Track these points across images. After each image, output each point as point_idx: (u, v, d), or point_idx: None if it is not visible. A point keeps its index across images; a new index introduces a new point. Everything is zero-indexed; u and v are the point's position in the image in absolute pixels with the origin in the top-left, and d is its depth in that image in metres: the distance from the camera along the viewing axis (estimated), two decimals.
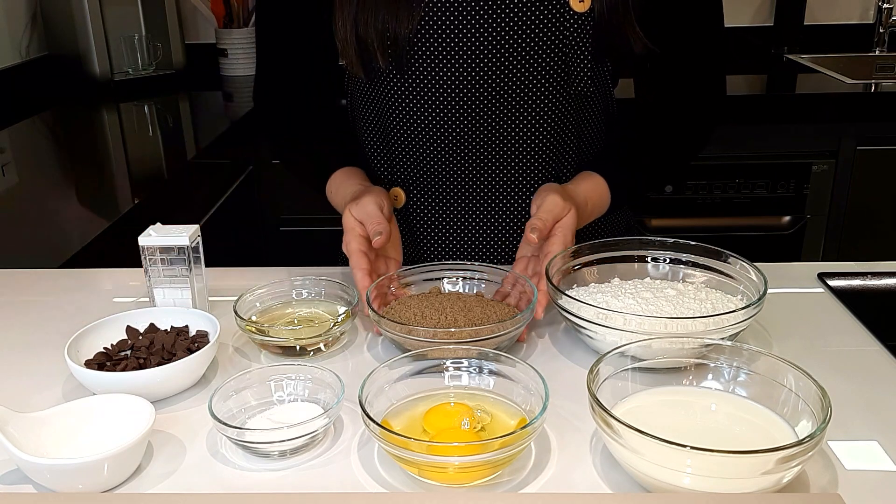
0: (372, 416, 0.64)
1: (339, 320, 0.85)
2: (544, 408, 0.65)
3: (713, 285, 0.88)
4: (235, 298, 0.87)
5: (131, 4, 2.26)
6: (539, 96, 0.98)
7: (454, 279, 0.94)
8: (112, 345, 0.82)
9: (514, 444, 0.62)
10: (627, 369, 0.71)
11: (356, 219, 0.91)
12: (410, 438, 0.62)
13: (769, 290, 0.81)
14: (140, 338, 0.83)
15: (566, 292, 0.82)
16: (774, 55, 2.52)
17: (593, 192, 0.99)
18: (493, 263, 0.97)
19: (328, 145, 1.09)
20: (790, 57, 2.48)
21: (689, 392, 0.72)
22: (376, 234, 0.89)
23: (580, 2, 0.93)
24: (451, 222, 1.06)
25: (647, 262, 0.93)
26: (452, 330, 0.80)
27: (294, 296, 0.93)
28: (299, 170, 1.14)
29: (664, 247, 0.93)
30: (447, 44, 0.95)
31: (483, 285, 0.93)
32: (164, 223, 0.91)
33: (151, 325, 0.85)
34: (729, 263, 0.88)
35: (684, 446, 0.57)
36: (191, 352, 0.79)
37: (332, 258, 1.19)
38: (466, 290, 0.93)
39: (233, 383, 0.73)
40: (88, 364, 0.78)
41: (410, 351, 0.75)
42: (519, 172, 1.03)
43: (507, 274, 0.92)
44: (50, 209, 1.38)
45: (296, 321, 0.89)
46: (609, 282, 0.91)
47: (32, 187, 1.53)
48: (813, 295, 0.96)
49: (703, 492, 0.59)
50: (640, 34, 0.94)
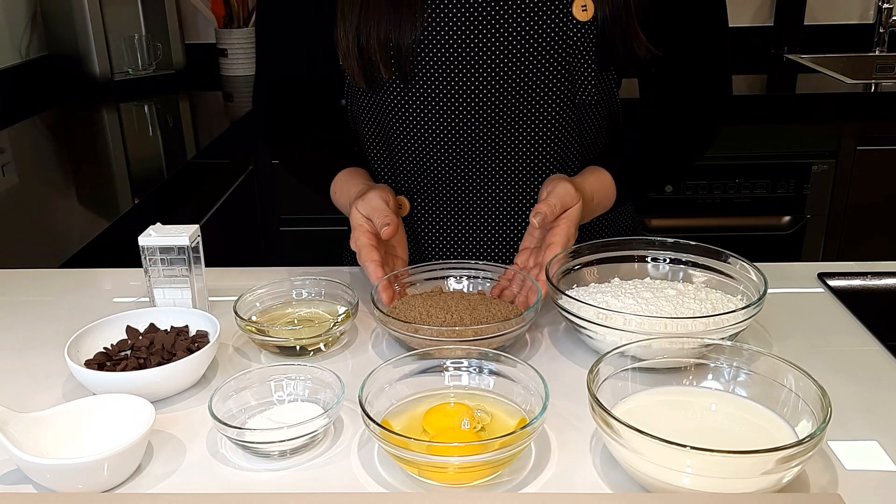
0: (372, 416, 0.64)
1: (339, 320, 0.85)
2: (544, 408, 0.65)
3: (713, 285, 0.88)
4: (235, 298, 0.87)
5: (131, 4, 2.26)
6: (543, 105, 0.98)
7: (459, 278, 0.94)
8: (112, 345, 0.82)
9: (514, 444, 0.62)
10: (627, 369, 0.71)
11: (363, 215, 0.91)
12: (410, 438, 0.62)
13: (769, 290, 0.81)
14: (140, 338, 0.83)
15: (566, 292, 0.82)
16: (774, 55, 2.52)
17: (599, 187, 0.98)
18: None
19: (330, 146, 1.09)
20: (790, 57, 2.48)
21: (689, 392, 0.72)
22: (383, 225, 0.89)
23: (583, 10, 0.93)
24: (455, 230, 1.06)
25: (647, 262, 0.93)
26: (458, 328, 0.80)
27: (294, 296, 0.93)
28: (302, 173, 1.14)
29: (664, 247, 0.93)
30: (450, 53, 0.95)
31: (487, 284, 0.93)
32: (164, 223, 0.91)
33: (151, 325, 0.85)
34: (729, 263, 0.88)
35: (684, 446, 0.57)
36: (191, 352, 0.79)
37: (332, 258, 1.19)
38: (470, 289, 0.93)
39: (233, 383, 0.73)
40: (88, 364, 0.78)
41: (415, 350, 0.75)
42: (523, 181, 1.03)
43: (506, 270, 0.92)
44: (50, 209, 1.38)
45: (296, 321, 0.89)
46: (609, 282, 0.91)
47: (32, 187, 1.53)
48: (813, 295, 0.96)
49: (703, 492, 0.59)
50: (644, 39, 0.94)
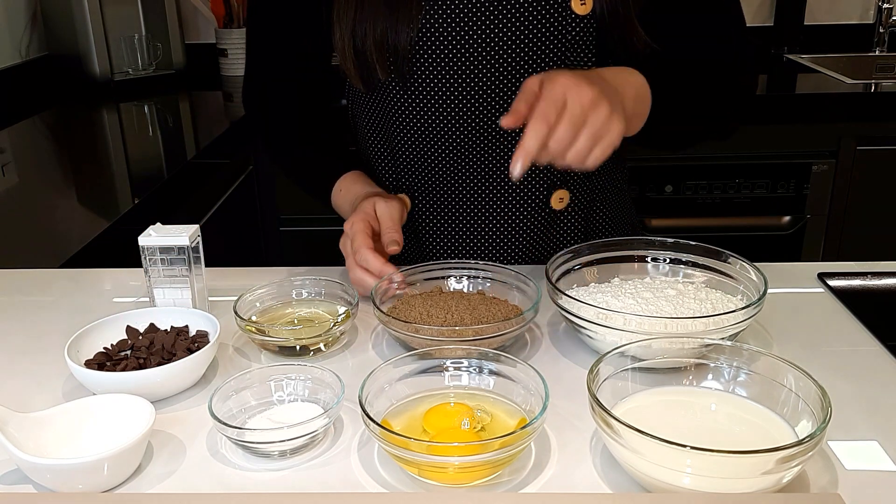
0: (372, 416, 0.64)
1: (339, 320, 0.85)
2: (544, 408, 0.65)
3: (713, 285, 0.88)
4: (235, 298, 0.87)
5: (131, 4, 2.26)
6: None
7: (459, 278, 0.94)
8: (112, 345, 0.82)
9: (514, 444, 0.62)
10: (627, 369, 0.71)
11: (377, 213, 0.93)
12: (410, 438, 0.62)
13: (769, 290, 0.81)
14: (140, 338, 0.83)
15: (566, 292, 0.82)
16: (774, 55, 2.52)
17: (616, 72, 0.88)
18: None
19: (330, 151, 1.09)
20: (790, 57, 2.48)
21: (689, 392, 0.72)
22: (392, 241, 0.91)
23: (581, 4, 0.93)
24: (456, 228, 1.06)
25: (647, 262, 0.93)
26: (458, 328, 0.80)
27: (294, 296, 0.93)
28: (302, 178, 1.14)
29: (664, 247, 0.93)
30: (448, 52, 0.95)
31: (487, 284, 0.93)
32: (164, 223, 0.91)
33: (151, 325, 0.85)
34: (729, 263, 0.88)
35: (684, 446, 0.57)
36: (191, 352, 0.79)
37: (332, 258, 1.18)
38: (470, 289, 0.93)
39: (233, 383, 0.73)
40: (88, 364, 0.78)
41: (416, 350, 0.75)
42: (525, 179, 1.02)
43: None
44: (50, 209, 1.38)
45: (296, 321, 0.89)
46: (609, 282, 0.91)
47: (32, 187, 1.53)
48: (813, 295, 0.96)
49: (703, 492, 0.59)
50: (643, 34, 0.94)
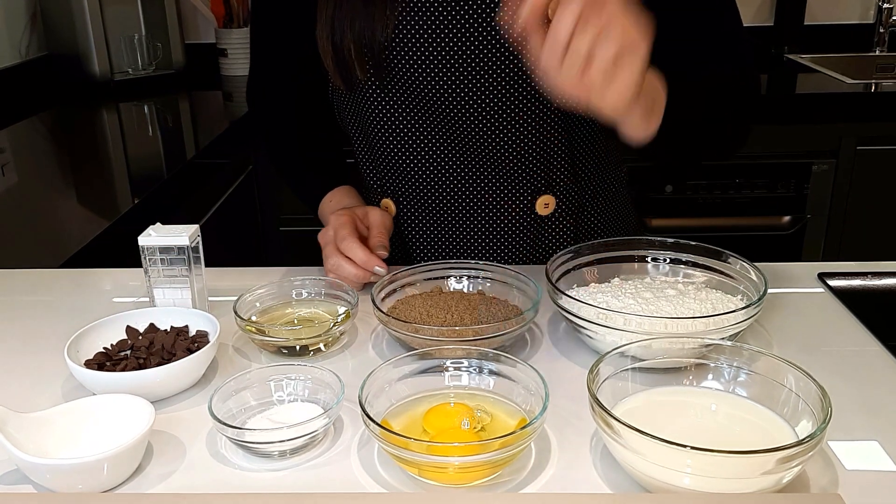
0: (372, 416, 0.64)
1: (339, 320, 0.85)
2: (544, 408, 0.65)
3: (713, 285, 0.88)
4: (235, 298, 0.87)
5: (131, 4, 2.26)
6: (523, 101, 0.96)
7: (459, 278, 0.94)
8: (112, 345, 0.82)
9: (514, 444, 0.62)
10: (627, 369, 0.71)
11: (369, 219, 0.98)
12: (410, 438, 0.62)
13: (769, 290, 0.81)
14: (140, 338, 0.83)
15: (566, 292, 0.82)
16: (774, 55, 2.52)
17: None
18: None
19: (326, 151, 1.10)
20: (790, 57, 2.48)
21: (689, 392, 0.72)
22: (379, 246, 0.96)
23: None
24: (442, 232, 1.06)
25: (647, 262, 0.93)
26: (458, 328, 0.80)
27: (294, 296, 0.93)
28: (293, 180, 1.16)
29: (664, 247, 0.93)
30: (425, 51, 0.94)
31: (487, 284, 0.93)
32: (164, 223, 0.91)
33: (151, 325, 0.85)
34: (729, 263, 0.88)
35: (684, 446, 0.57)
36: (191, 352, 0.79)
37: None
38: (470, 289, 0.93)
39: (233, 383, 0.73)
40: (88, 364, 0.78)
41: (416, 350, 0.75)
42: (507, 179, 1.01)
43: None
44: (50, 209, 1.38)
45: (296, 321, 0.89)
46: (609, 282, 0.91)
47: (32, 187, 1.53)
48: (813, 295, 0.96)
49: (703, 492, 0.59)
50: None
